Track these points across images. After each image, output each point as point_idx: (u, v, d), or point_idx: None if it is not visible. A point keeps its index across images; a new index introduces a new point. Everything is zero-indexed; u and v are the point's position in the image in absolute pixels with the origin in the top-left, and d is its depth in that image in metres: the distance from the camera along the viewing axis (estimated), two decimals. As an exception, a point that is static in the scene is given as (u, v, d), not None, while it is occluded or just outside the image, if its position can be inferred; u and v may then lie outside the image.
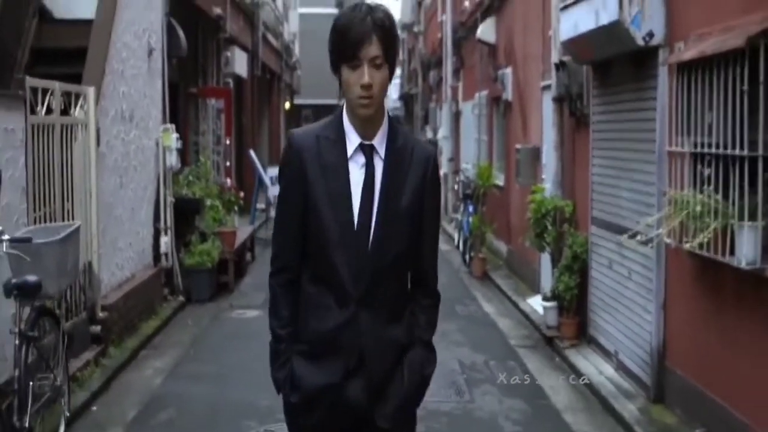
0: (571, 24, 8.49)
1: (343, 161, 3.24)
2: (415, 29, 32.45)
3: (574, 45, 8.70)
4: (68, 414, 6.38)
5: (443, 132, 22.71)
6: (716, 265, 5.97)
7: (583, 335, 9.30)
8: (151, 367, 8.65)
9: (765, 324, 5.41)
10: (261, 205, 19.65)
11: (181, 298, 11.61)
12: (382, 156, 3.25)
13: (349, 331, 3.22)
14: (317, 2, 47.02)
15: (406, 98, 39.98)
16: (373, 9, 3.15)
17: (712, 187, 5.88)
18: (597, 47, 8.10)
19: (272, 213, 19.31)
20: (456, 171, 20.22)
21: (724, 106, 5.73)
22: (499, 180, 14.79)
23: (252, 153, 19.83)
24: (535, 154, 11.73)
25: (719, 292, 6.14)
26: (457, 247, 16.45)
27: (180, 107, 14.19)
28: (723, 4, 5.95)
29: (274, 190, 19.47)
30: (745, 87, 5.38)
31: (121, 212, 9.63)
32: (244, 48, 20.41)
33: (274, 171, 19.95)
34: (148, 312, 10.22)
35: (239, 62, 19.32)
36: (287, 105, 36.72)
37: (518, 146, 12.40)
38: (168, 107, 11.88)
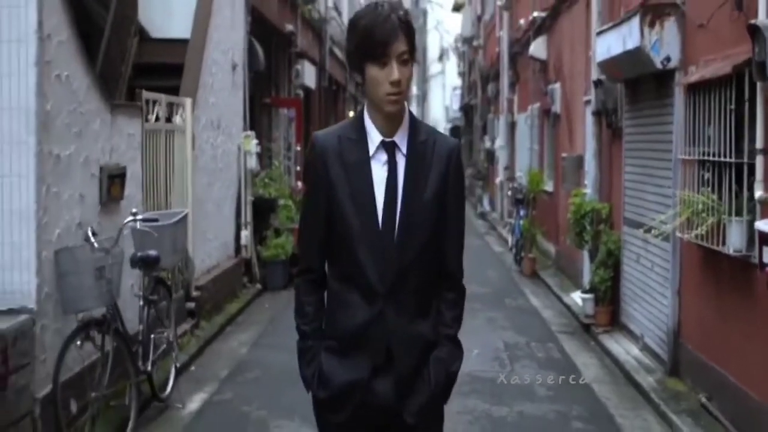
0: (605, 47, 9.71)
1: (366, 160, 3.27)
2: (475, 43, 33.62)
3: (607, 65, 9.92)
4: (178, 365, 7.78)
5: (500, 142, 23.95)
6: (714, 254, 7.16)
7: (615, 322, 10.47)
8: (237, 340, 10.04)
9: (752, 301, 6.58)
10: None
11: (259, 286, 13.00)
12: (404, 152, 3.29)
13: (376, 327, 3.25)
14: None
15: (466, 109, 41.11)
16: (394, 7, 3.20)
17: (709, 188, 7.09)
18: (625, 68, 9.32)
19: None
20: (510, 178, 21.44)
21: (718, 121, 6.96)
22: (549, 186, 15.98)
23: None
24: (579, 162, 12.91)
25: (718, 277, 7.33)
26: (511, 249, 17.65)
27: (255, 116, 15.60)
28: (723, 35, 7.13)
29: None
30: (733, 106, 6.60)
31: (209, 207, 11.02)
32: (312, 61, 21.79)
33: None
34: (231, 296, 11.62)
35: (308, 74, 20.71)
36: (351, 114, 38.14)
37: (564, 155, 13.62)
38: (248, 116, 13.29)
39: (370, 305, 3.24)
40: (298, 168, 18.87)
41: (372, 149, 3.26)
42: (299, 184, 17.73)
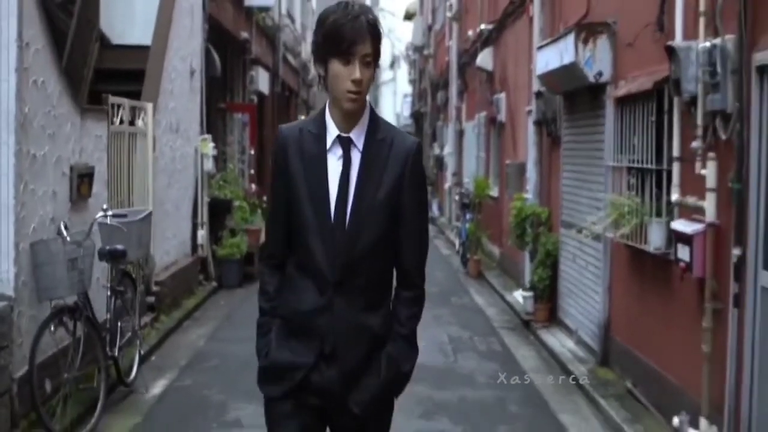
0: (545, 61, 10.36)
1: (322, 153, 3.37)
2: (426, 52, 34.30)
3: (547, 78, 10.58)
4: (142, 352, 8.30)
5: (448, 149, 24.63)
6: (639, 252, 7.82)
7: (553, 318, 11.12)
8: (195, 333, 10.58)
9: (669, 294, 7.24)
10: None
11: (214, 284, 13.53)
12: (360, 149, 3.38)
13: (324, 316, 3.35)
14: (333, 21, 49.06)
15: (416, 116, 41.75)
16: (365, 9, 3.31)
17: (634, 192, 7.76)
18: (563, 81, 9.98)
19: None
20: (458, 184, 22.12)
21: (642, 131, 7.63)
22: (494, 192, 16.64)
23: (273, 163, 21.71)
24: (521, 168, 13.57)
25: (642, 273, 7.99)
26: (457, 251, 18.29)
27: (211, 120, 16.08)
28: (647, 54, 7.78)
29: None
30: (654, 118, 7.27)
31: (168, 207, 11.52)
32: (266, 67, 22.30)
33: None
34: (188, 292, 12.13)
35: (262, 80, 21.22)
36: (303, 118, 38.62)
37: (508, 162, 14.30)
38: (204, 120, 13.80)
39: (321, 294, 3.34)
40: (252, 171, 19.40)
41: (329, 143, 3.36)
42: (253, 186, 18.28)
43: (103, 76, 11.56)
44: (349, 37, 3.21)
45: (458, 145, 23.61)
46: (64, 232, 6.88)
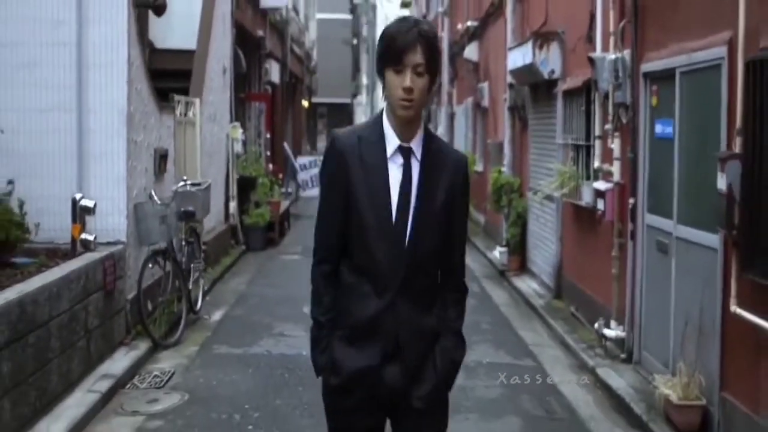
0: (513, 60, 12.98)
1: (383, 161, 3.45)
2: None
3: (515, 73, 13.19)
4: (205, 288, 10.95)
5: (441, 129, 27.24)
6: (577, 208, 10.46)
7: (523, 268, 13.77)
8: (235, 281, 13.22)
9: (595, 236, 9.85)
10: (290, 189, 24.17)
11: (243, 247, 16.14)
12: (419, 158, 3.48)
13: (387, 318, 3.43)
14: (333, 8, 51.51)
15: (412, 99, 44.13)
16: (419, 22, 3.41)
17: (572, 162, 10.41)
18: (526, 77, 12.61)
19: (301, 194, 23.92)
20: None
21: (578, 117, 10.27)
22: (479, 167, 19.25)
23: (286, 145, 24.38)
24: (500, 147, 16.15)
25: (580, 223, 10.62)
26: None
27: (233, 109, 18.68)
28: (581, 58, 10.33)
29: (302, 175, 24.09)
30: (583, 108, 9.91)
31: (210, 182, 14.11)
32: (276, 59, 24.89)
33: (301, 160, 24.59)
34: (223, 253, 14.76)
35: (274, 72, 23.84)
36: (305, 104, 41.20)
37: (489, 141, 16.92)
38: (233, 110, 16.43)
39: (382, 297, 3.43)
40: (268, 152, 22.02)
41: (390, 151, 3.47)
42: (270, 166, 20.90)
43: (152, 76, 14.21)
44: (401, 47, 3.34)
45: (450, 126, 26.19)
46: (155, 197, 9.50)
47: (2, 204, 7.37)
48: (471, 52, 19.88)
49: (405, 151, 3.48)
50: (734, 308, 6.09)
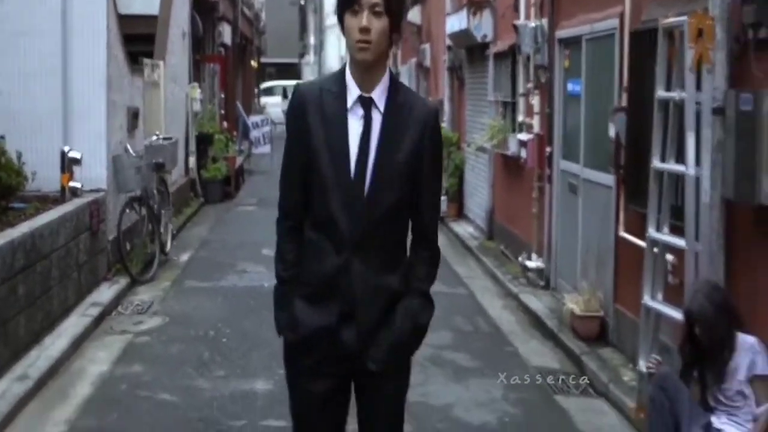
0: (450, 25, 14.26)
1: (343, 113, 3.34)
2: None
3: (453, 37, 14.47)
4: (175, 232, 12.17)
5: (387, 89, 28.46)
6: (505, 157, 11.80)
7: (461, 214, 15.13)
8: (197, 229, 14.44)
9: (519, 182, 11.19)
10: (243, 147, 25.28)
11: (202, 200, 17.32)
12: (381, 110, 3.35)
13: (343, 276, 3.33)
14: (280, -31, 52.33)
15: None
16: None
17: (500, 117, 11.74)
18: (462, 40, 13.89)
19: (253, 150, 25.04)
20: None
21: (505, 76, 11.59)
22: (422, 124, 20.51)
23: (239, 104, 25.47)
24: (440, 104, 17.42)
25: (508, 171, 11.98)
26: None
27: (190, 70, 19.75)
28: (509, 24, 11.64)
29: (254, 133, 25.21)
30: (509, 69, 11.23)
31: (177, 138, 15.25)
32: (228, 21, 25.88)
33: (253, 118, 25.71)
34: (185, 204, 15.94)
35: (226, 34, 24.87)
36: (255, 64, 42.14)
37: (430, 99, 18.19)
38: (191, 71, 17.54)
39: (339, 254, 3.33)
40: (223, 111, 23.11)
41: (350, 102, 3.35)
42: (225, 123, 22.01)
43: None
44: None
45: (395, 85, 27.38)
46: (130, 150, 10.67)
47: (6, 154, 8.48)
48: (414, 15, 21.03)
49: (366, 102, 3.36)
50: (622, 233, 7.48)
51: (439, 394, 6.84)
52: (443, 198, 15.28)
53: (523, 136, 10.60)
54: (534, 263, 10.13)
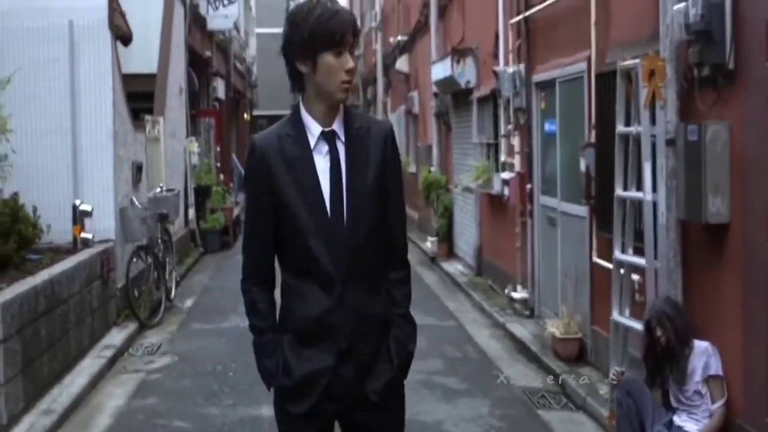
0: (436, 72, 14.98)
1: (307, 153, 3.31)
2: (357, 53, 38.60)
3: (438, 84, 15.18)
4: (178, 279, 12.77)
5: (378, 136, 29.16)
6: (490, 196, 12.45)
7: (451, 254, 15.75)
8: (199, 277, 15.07)
9: (503, 218, 11.82)
10: (239, 199, 25.95)
11: (201, 249, 17.94)
12: (343, 140, 3.34)
13: (336, 314, 3.30)
14: (271, 23, 53.28)
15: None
16: (335, 4, 3.28)
17: (485, 158, 12.41)
18: (447, 87, 14.61)
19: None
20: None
21: (488, 119, 12.27)
22: (413, 168, 21.22)
23: (234, 157, 26.20)
24: (429, 149, 18.14)
25: (493, 210, 12.61)
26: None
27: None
28: (490, 71, 12.36)
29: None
30: (491, 112, 11.91)
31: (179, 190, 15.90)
32: (221, 76, 26.67)
33: (249, 170, 26.36)
34: (185, 254, 16.55)
35: (220, 89, 25.65)
36: (247, 117, 42.97)
37: (419, 144, 18.90)
38: (189, 125, 18.25)
39: (329, 293, 3.30)
40: (218, 164, 23.81)
41: (312, 142, 3.32)
42: (221, 176, 22.69)
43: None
44: (339, 29, 3.22)
45: (386, 133, 28.09)
46: (136, 202, 11.31)
47: (23, 209, 9.10)
48: (402, 64, 21.84)
49: (329, 137, 3.35)
50: (595, 259, 8.10)
51: (429, 412, 7.42)
52: (434, 239, 15.94)
53: (506, 175, 11.26)
54: (519, 294, 10.73)
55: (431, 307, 12.04)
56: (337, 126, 3.36)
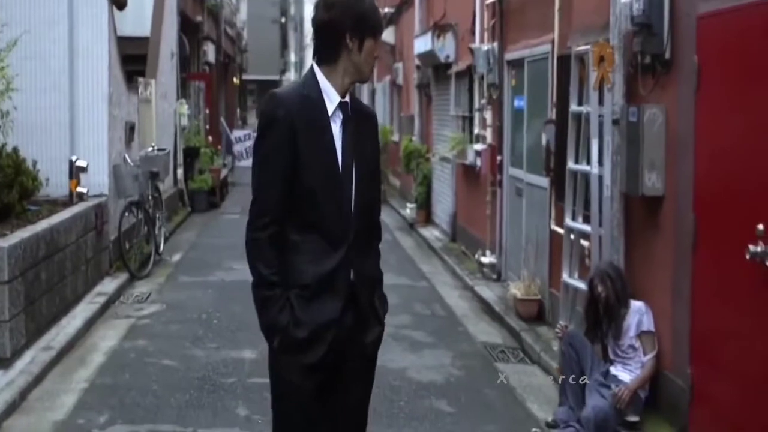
0: (418, 46, 15.62)
1: (326, 119, 3.58)
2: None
3: (420, 57, 15.83)
4: (167, 235, 13.46)
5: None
6: (465, 167, 13.15)
7: (429, 220, 16.46)
8: (187, 234, 15.75)
9: (476, 187, 12.51)
10: (226, 162, 26.59)
11: (189, 209, 18.60)
12: (350, 113, 3.66)
13: (343, 271, 3.58)
14: (261, -12, 53.72)
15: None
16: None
17: (460, 130, 13.10)
18: (428, 60, 15.25)
19: (236, 164, 26.32)
20: (372, 133, 27.35)
21: (464, 93, 12.96)
22: (396, 137, 21.88)
23: (223, 120, 26.82)
24: (412, 119, 18.81)
25: (468, 179, 13.31)
26: (370, 186, 23.48)
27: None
28: (467, 47, 13.01)
29: (237, 147, 26.53)
30: (467, 87, 12.59)
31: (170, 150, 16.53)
32: (212, 41, 27.22)
33: (236, 133, 27.00)
34: (173, 213, 17.21)
35: (210, 53, 26.22)
36: (237, 81, 43.47)
37: (403, 114, 19.58)
38: (179, 88, 18.85)
39: (337, 251, 3.55)
40: (208, 126, 24.42)
41: (330, 109, 3.60)
42: (210, 138, 23.32)
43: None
44: (380, 21, 3.74)
45: (372, 101, 28.76)
46: (128, 160, 11.96)
47: (25, 162, 9.73)
48: (388, 35, 22.39)
49: (344, 107, 3.62)
50: (553, 227, 8.82)
51: (396, 360, 8.15)
52: (413, 206, 16.64)
53: (479, 147, 11.95)
54: (488, 259, 11.45)
55: (406, 269, 12.75)
56: (348, 99, 3.69)
